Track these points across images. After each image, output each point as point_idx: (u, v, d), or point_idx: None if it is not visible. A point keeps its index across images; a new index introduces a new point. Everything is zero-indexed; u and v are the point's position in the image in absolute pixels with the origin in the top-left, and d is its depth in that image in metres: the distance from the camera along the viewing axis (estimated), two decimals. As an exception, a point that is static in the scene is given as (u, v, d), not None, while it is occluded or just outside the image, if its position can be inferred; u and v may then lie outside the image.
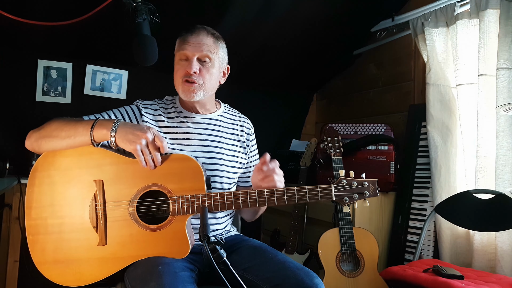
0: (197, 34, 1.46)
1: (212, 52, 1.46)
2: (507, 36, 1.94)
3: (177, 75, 1.47)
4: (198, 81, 1.44)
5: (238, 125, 1.62)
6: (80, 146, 1.32)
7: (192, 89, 1.44)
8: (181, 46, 1.46)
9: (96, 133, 1.29)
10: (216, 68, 1.49)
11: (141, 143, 1.26)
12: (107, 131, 1.28)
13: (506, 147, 1.94)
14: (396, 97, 2.83)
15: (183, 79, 1.44)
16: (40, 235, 1.30)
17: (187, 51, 1.44)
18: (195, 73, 1.43)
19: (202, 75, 1.45)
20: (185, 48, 1.44)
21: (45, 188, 1.32)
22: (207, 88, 1.48)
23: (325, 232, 2.09)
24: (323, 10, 2.57)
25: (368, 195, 1.31)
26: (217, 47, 1.49)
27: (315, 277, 1.28)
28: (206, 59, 1.46)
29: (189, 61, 1.44)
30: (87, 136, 1.29)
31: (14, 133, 2.49)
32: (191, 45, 1.44)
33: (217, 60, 1.49)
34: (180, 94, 1.48)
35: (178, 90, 1.48)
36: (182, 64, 1.46)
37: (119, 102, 2.77)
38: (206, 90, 1.47)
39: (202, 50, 1.44)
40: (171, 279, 1.15)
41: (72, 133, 1.30)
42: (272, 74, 3.18)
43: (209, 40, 1.46)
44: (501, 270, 1.91)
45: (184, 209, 1.28)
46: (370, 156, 2.39)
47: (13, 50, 2.51)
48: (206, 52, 1.45)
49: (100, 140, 1.31)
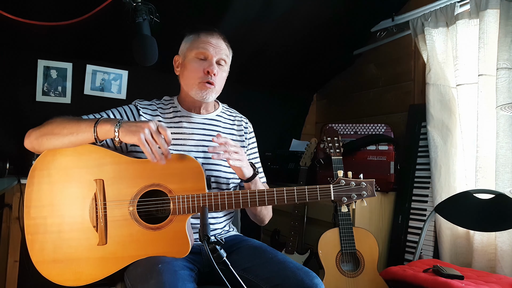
0: (217, 37, 1.49)
1: (227, 57, 1.52)
2: (507, 36, 1.94)
3: (194, 72, 1.47)
4: (215, 82, 1.47)
5: (236, 125, 1.63)
6: (82, 143, 1.31)
7: (210, 91, 1.47)
8: (199, 44, 1.47)
9: (100, 129, 1.28)
10: (226, 72, 1.54)
11: (145, 132, 1.24)
12: (111, 126, 1.27)
13: (506, 147, 1.94)
14: (396, 97, 2.83)
15: (203, 80, 1.45)
16: (40, 234, 1.30)
17: (209, 52, 1.46)
18: (214, 74, 1.45)
19: (218, 77, 1.48)
20: (206, 48, 1.46)
21: (44, 187, 1.32)
22: (219, 91, 1.52)
23: (325, 232, 2.09)
24: (323, 10, 2.57)
25: (366, 195, 1.34)
26: (229, 53, 1.55)
27: (315, 277, 1.28)
28: (222, 62, 1.50)
29: (209, 61, 1.46)
30: (90, 133, 1.28)
31: (14, 133, 2.49)
32: (212, 46, 1.46)
33: (228, 66, 1.55)
34: (194, 93, 1.48)
35: (191, 89, 1.48)
36: (201, 63, 1.46)
37: (119, 102, 2.77)
38: (217, 93, 1.52)
39: (221, 53, 1.48)
40: (171, 278, 1.15)
41: (74, 130, 1.30)
42: (272, 74, 3.18)
43: (225, 45, 1.52)
44: (501, 270, 1.92)
45: (185, 209, 1.28)
46: (370, 156, 2.39)
47: (13, 50, 2.51)
48: (224, 56, 1.49)
49: (103, 136, 1.30)
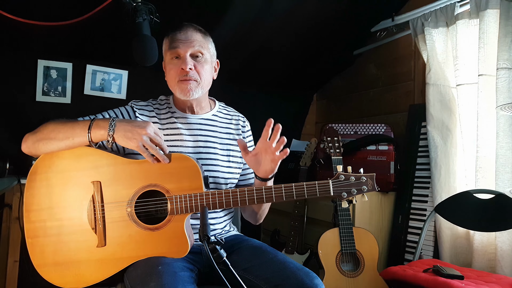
0: (186, 31, 1.45)
1: (203, 47, 1.45)
2: (507, 36, 1.94)
3: (170, 74, 1.45)
4: (194, 77, 1.43)
5: (233, 124, 1.61)
6: (78, 146, 1.32)
7: (190, 87, 1.43)
8: (171, 44, 1.44)
9: (93, 133, 1.29)
10: (209, 63, 1.48)
11: (142, 139, 1.26)
12: (105, 131, 1.28)
13: (506, 147, 1.94)
14: (396, 97, 2.83)
15: (179, 78, 1.43)
16: (39, 238, 1.30)
17: (179, 49, 1.42)
18: (190, 69, 1.42)
19: (198, 71, 1.44)
20: (176, 46, 1.43)
21: (43, 191, 1.32)
22: (204, 84, 1.47)
23: (325, 232, 2.09)
24: (323, 10, 2.57)
25: (367, 190, 1.31)
26: (206, 42, 1.48)
27: (315, 277, 1.28)
28: (199, 54, 1.44)
29: (182, 58, 1.43)
30: (85, 137, 1.29)
31: (14, 133, 2.49)
32: (182, 42, 1.43)
33: (209, 55, 1.48)
34: (178, 94, 1.46)
35: (175, 91, 1.47)
36: (175, 62, 1.44)
37: (119, 102, 2.77)
38: (203, 87, 1.47)
39: (193, 46, 1.43)
40: (171, 279, 1.15)
41: (70, 135, 1.30)
42: (272, 74, 3.18)
43: (198, 36, 1.46)
44: (501, 270, 1.91)
45: (183, 208, 1.28)
46: (370, 156, 2.39)
47: (13, 50, 2.51)
48: (198, 48, 1.44)
49: (98, 140, 1.31)
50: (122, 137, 1.27)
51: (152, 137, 1.28)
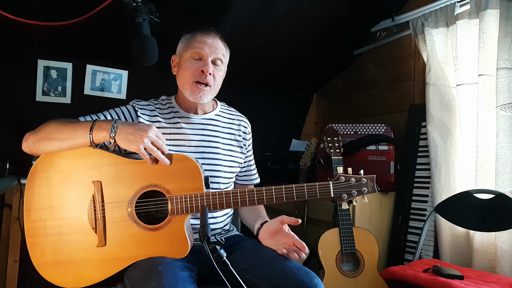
0: (213, 36, 1.47)
1: (224, 56, 1.50)
2: (507, 36, 1.94)
3: (187, 73, 1.45)
4: (210, 82, 1.45)
5: (235, 124, 1.62)
6: (79, 147, 1.32)
7: (203, 92, 1.45)
8: (194, 44, 1.45)
9: (95, 135, 1.29)
10: (223, 71, 1.52)
11: (144, 142, 1.26)
12: (107, 133, 1.29)
13: (506, 147, 1.94)
14: (396, 97, 2.83)
15: (195, 79, 1.44)
16: (40, 237, 1.30)
17: (204, 51, 1.44)
18: (210, 74, 1.44)
19: (214, 77, 1.47)
20: (202, 47, 1.44)
21: (43, 190, 1.32)
22: (215, 91, 1.50)
23: (325, 232, 2.09)
24: (323, 10, 2.57)
25: (367, 192, 1.31)
26: (226, 52, 1.53)
27: (315, 277, 1.28)
28: (219, 62, 1.48)
29: (205, 61, 1.44)
30: (86, 139, 1.29)
31: (14, 133, 2.49)
32: (208, 46, 1.45)
33: (225, 65, 1.52)
34: (187, 95, 1.47)
35: (185, 90, 1.47)
36: (195, 63, 1.45)
37: (119, 102, 2.76)
38: (213, 93, 1.50)
39: (217, 52, 1.46)
40: (171, 279, 1.15)
41: (71, 135, 1.30)
42: (272, 74, 3.18)
43: (221, 44, 1.49)
44: (501, 270, 1.91)
45: (183, 209, 1.28)
46: (370, 156, 2.39)
47: (13, 50, 2.51)
48: (220, 56, 1.47)
49: (99, 142, 1.31)
50: (124, 140, 1.28)
51: (154, 140, 1.28)
